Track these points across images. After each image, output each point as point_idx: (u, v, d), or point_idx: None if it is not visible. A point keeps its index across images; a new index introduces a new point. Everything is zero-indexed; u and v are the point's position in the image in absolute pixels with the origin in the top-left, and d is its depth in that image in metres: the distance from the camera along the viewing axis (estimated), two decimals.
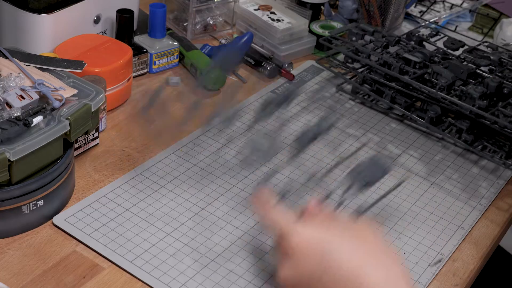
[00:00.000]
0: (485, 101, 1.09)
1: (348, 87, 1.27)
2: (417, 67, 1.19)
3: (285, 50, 1.33)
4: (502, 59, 1.21)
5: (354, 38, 1.28)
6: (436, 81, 1.14)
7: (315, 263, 0.71)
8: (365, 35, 1.29)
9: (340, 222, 0.75)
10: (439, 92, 1.12)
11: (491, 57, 1.21)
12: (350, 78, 1.27)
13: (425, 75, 1.16)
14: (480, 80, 1.16)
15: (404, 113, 1.19)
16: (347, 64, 1.27)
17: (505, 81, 1.13)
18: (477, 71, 1.19)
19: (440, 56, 1.22)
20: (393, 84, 1.20)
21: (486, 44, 1.31)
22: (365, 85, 1.24)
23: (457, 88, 1.14)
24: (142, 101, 0.84)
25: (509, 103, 1.11)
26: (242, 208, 0.97)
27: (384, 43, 1.25)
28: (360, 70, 1.26)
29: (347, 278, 0.69)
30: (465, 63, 1.20)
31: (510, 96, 1.14)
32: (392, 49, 1.25)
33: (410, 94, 1.18)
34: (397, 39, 1.26)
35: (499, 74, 1.18)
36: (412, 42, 1.28)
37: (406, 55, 1.20)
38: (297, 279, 0.72)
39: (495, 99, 1.15)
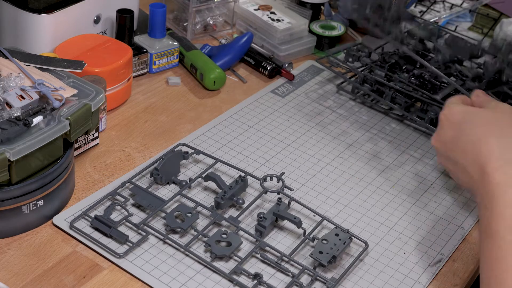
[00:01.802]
0: (476, 83, 1.09)
1: (348, 87, 1.27)
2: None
3: (285, 50, 1.33)
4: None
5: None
6: (433, 56, 1.16)
7: (454, 129, 0.87)
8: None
9: (487, 103, 0.91)
10: (438, 97, 1.12)
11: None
12: (350, 78, 1.27)
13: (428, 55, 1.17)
14: (480, 62, 1.16)
15: (404, 114, 1.19)
16: (348, 63, 1.27)
17: (506, 66, 1.13)
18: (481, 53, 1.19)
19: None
20: (393, 84, 1.20)
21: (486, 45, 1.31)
22: (366, 84, 1.24)
23: (453, 69, 1.14)
24: None
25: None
26: (243, 212, 0.97)
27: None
28: (360, 69, 1.26)
29: (472, 143, 0.84)
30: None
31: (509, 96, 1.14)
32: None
33: (410, 94, 1.18)
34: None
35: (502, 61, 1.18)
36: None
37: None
38: (443, 140, 0.89)
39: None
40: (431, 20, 1.51)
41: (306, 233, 0.93)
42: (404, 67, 1.23)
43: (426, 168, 1.10)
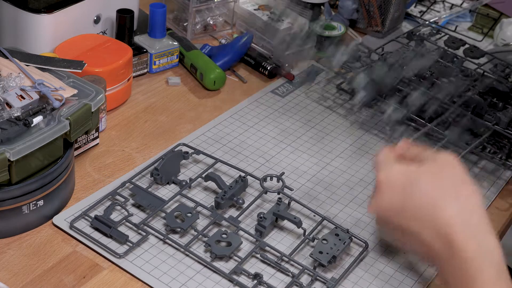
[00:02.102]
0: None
1: (348, 87, 1.27)
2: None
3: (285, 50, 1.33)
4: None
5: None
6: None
7: (399, 193, 0.77)
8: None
9: (425, 157, 0.81)
10: (439, 96, 1.12)
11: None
12: (350, 78, 1.26)
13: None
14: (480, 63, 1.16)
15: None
16: (348, 63, 1.26)
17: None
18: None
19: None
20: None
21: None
22: None
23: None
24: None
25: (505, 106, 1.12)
26: (244, 212, 0.97)
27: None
28: (360, 69, 1.25)
29: (425, 208, 0.74)
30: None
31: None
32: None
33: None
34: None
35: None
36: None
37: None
38: (385, 207, 0.79)
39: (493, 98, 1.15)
40: (431, 20, 1.51)
41: (306, 233, 0.93)
42: (404, 67, 1.22)
43: None
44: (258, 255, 0.90)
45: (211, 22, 1.39)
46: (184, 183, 0.98)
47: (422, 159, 0.80)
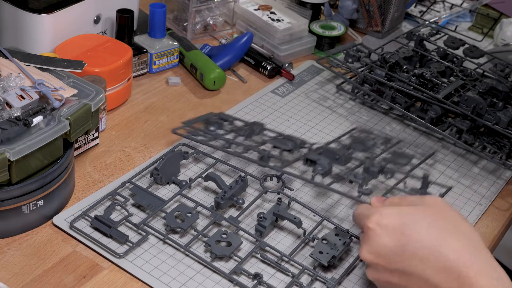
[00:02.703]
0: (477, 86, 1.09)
1: (348, 87, 1.27)
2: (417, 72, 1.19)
3: (285, 50, 1.33)
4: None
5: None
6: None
7: (396, 236, 0.74)
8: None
9: (411, 201, 0.79)
10: (439, 96, 1.12)
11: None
12: (350, 78, 1.27)
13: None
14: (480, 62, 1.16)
15: (404, 113, 1.19)
16: (348, 64, 1.27)
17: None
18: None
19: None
20: (393, 83, 1.20)
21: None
22: (365, 84, 1.24)
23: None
24: None
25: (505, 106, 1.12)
26: (244, 213, 0.97)
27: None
28: (360, 69, 1.26)
29: (428, 247, 0.72)
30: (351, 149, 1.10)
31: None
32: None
33: (411, 94, 1.18)
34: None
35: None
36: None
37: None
38: (380, 252, 0.75)
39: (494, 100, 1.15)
40: (431, 20, 1.51)
41: (306, 233, 0.93)
42: (404, 67, 1.23)
43: (425, 168, 1.10)
44: (258, 255, 0.90)
45: (211, 22, 1.39)
46: (184, 183, 0.99)
47: (409, 204, 0.78)
